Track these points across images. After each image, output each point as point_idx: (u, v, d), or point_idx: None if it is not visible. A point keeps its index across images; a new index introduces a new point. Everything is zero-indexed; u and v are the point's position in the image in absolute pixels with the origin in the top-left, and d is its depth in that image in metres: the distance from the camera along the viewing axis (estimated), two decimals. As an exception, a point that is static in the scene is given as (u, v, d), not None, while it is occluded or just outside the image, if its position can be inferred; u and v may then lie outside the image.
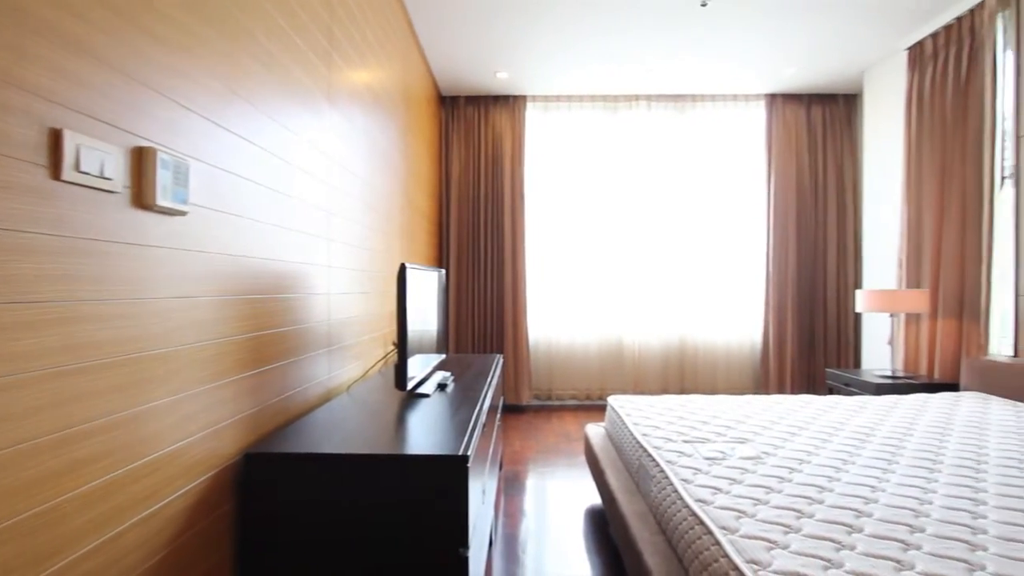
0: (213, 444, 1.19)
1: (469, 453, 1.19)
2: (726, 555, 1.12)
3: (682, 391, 4.61)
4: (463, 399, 1.77)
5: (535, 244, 4.65)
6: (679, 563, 1.35)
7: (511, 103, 4.56)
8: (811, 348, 4.56)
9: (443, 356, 2.44)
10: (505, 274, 4.51)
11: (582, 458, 3.26)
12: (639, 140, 4.59)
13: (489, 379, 2.19)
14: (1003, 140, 2.87)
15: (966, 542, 1.17)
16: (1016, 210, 2.79)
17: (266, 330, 1.42)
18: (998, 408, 2.37)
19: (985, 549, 1.15)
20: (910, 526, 1.24)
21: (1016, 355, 2.79)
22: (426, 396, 1.80)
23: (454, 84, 4.33)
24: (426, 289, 2.05)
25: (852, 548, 1.14)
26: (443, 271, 2.54)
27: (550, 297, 4.65)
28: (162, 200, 0.99)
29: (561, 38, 3.52)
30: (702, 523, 1.26)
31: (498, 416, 2.53)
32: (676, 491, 1.47)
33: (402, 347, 1.61)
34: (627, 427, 2.12)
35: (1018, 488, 1.47)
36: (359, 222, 2.26)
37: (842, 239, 4.54)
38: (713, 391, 4.61)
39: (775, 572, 1.04)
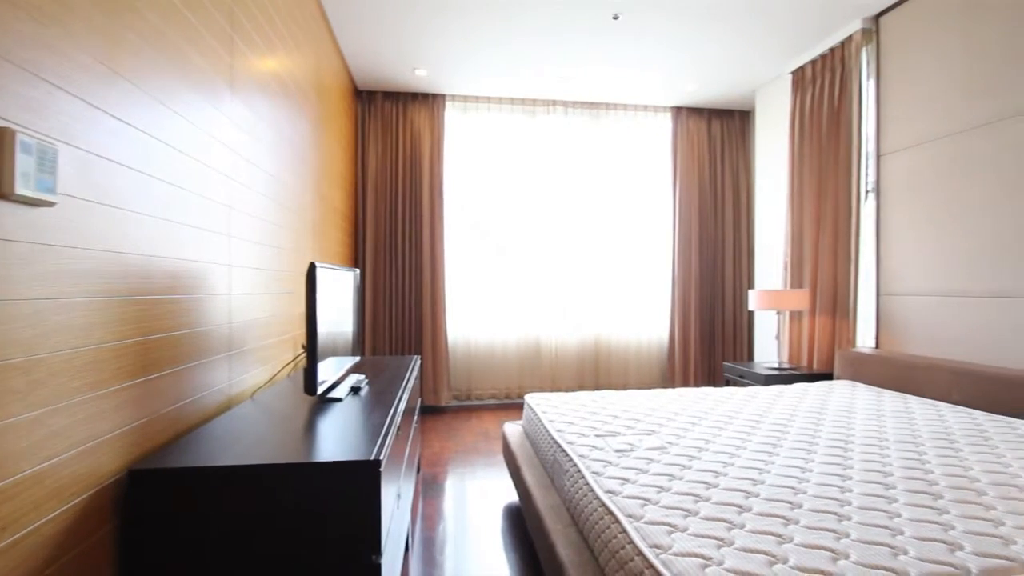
0: (90, 462, 1.07)
1: (382, 458, 1.16)
2: (631, 541, 1.18)
3: (597, 387, 4.80)
4: (377, 402, 1.73)
5: (454, 244, 4.63)
6: (590, 553, 1.41)
7: (430, 101, 4.51)
8: (711, 343, 4.92)
9: (357, 359, 2.36)
10: (424, 274, 4.45)
11: (501, 457, 3.30)
12: (557, 145, 4.72)
13: (405, 381, 2.15)
14: (867, 159, 3.26)
15: (835, 513, 1.32)
16: (877, 221, 3.19)
17: (155, 334, 1.30)
18: (863, 393, 2.70)
19: (850, 519, 1.30)
20: (790, 503, 1.38)
21: (877, 347, 3.18)
22: (338, 400, 1.73)
23: (371, 79, 4.20)
24: (339, 289, 1.97)
25: (742, 527, 1.25)
26: (358, 271, 2.46)
27: (469, 298, 4.65)
28: (22, 188, 0.87)
29: (480, 40, 3.54)
30: (611, 513, 1.33)
31: (415, 418, 2.49)
32: (587, 483, 1.53)
33: (312, 350, 1.54)
34: (543, 424, 2.17)
35: (877, 463, 1.68)
36: (266, 218, 2.14)
37: (738, 243, 4.95)
38: (625, 386, 4.84)
39: (675, 554, 1.12)
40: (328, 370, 1.75)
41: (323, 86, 3.18)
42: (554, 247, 4.73)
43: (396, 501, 1.50)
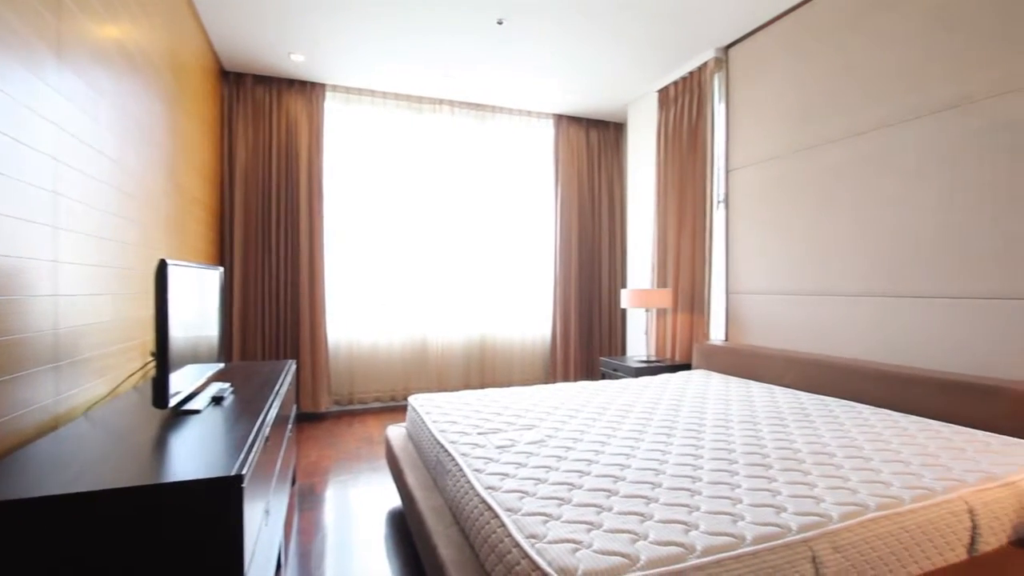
0: None
1: (245, 472, 1.08)
2: (509, 534, 1.22)
3: (482, 385, 4.86)
4: (243, 412, 1.59)
5: (336, 242, 4.41)
6: (471, 550, 1.42)
7: (308, 90, 4.25)
8: (590, 339, 5.23)
9: (221, 365, 2.16)
10: (301, 273, 4.18)
11: (385, 462, 3.21)
12: (443, 144, 4.70)
13: (277, 387, 2.01)
14: (718, 173, 3.68)
15: (688, 489, 1.48)
16: (726, 228, 3.61)
17: (-51, 345, 1.08)
18: (715, 381, 3.04)
19: (700, 493, 1.46)
20: (651, 483, 1.51)
21: (727, 339, 3.60)
22: (196, 412, 1.57)
23: (239, 59, 3.85)
24: (199, 289, 1.78)
25: (610, 509, 1.34)
26: (222, 269, 2.25)
27: (352, 297, 4.46)
28: None
29: (363, 33, 3.41)
30: (490, 508, 1.35)
31: (289, 427, 2.34)
32: (469, 481, 1.54)
33: (162, 357, 1.37)
34: (426, 425, 2.15)
35: (723, 442, 1.90)
36: (106, 209, 1.87)
37: (613, 245, 5.31)
38: (510, 383, 4.96)
39: (549, 542, 1.17)
40: (185, 379, 1.58)
41: (180, 63, 2.85)
42: (441, 246, 4.71)
43: (264, 518, 1.39)
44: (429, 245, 4.67)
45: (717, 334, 3.70)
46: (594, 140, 5.24)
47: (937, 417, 2.19)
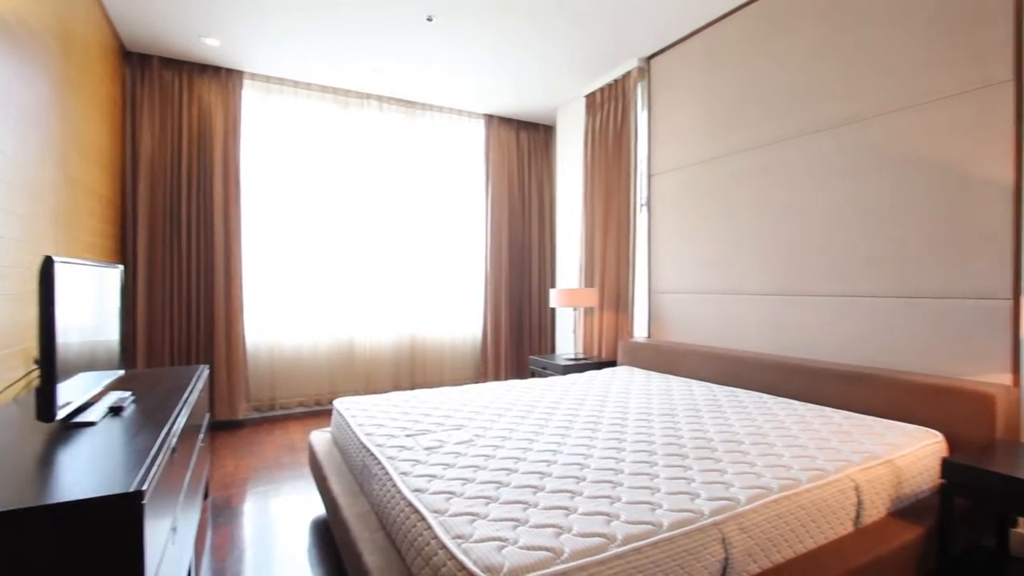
0: None
1: (146, 487, 1.00)
2: (436, 536, 1.21)
3: (413, 386, 4.79)
4: (146, 423, 1.47)
5: (255, 239, 4.17)
6: (398, 555, 1.40)
7: (224, 77, 3.99)
8: (520, 338, 5.29)
9: (122, 373, 1.98)
10: (216, 272, 3.92)
11: (308, 469, 3.08)
12: (370, 139, 4.58)
13: (186, 395, 1.87)
14: (641, 177, 3.84)
15: (611, 481, 1.53)
16: (648, 231, 3.78)
17: None
18: (638, 377, 3.17)
19: (622, 484, 1.52)
20: (576, 477, 1.56)
21: (649, 336, 3.77)
22: (90, 425, 1.43)
23: (143, 39, 3.55)
24: (95, 290, 1.63)
25: (536, 505, 1.37)
26: (123, 267, 2.06)
27: (274, 298, 4.24)
28: None
29: (284, 18, 3.24)
30: (417, 511, 1.34)
31: (201, 436, 2.19)
32: (395, 484, 1.52)
33: (48, 365, 1.24)
34: (352, 429, 2.09)
35: (644, 434, 1.99)
36: (-24, 199, 1.65)
37: (542, 245, 5.40)
38: (441, 383, 4.92)
39: (476, 541, 1.18)
40: (77, 389, 1.43)
41: (72, 38, 2.58)
42: (369, 244, 4.58)
43: (171, 536, 1.30)
44: (357, 243, 4.53)
45: (641, 332, 3.87)
46: (525, 141, 5.30)
47: (830, 404, 2.41)
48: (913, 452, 1.86)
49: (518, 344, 5.28)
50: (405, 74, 4.13)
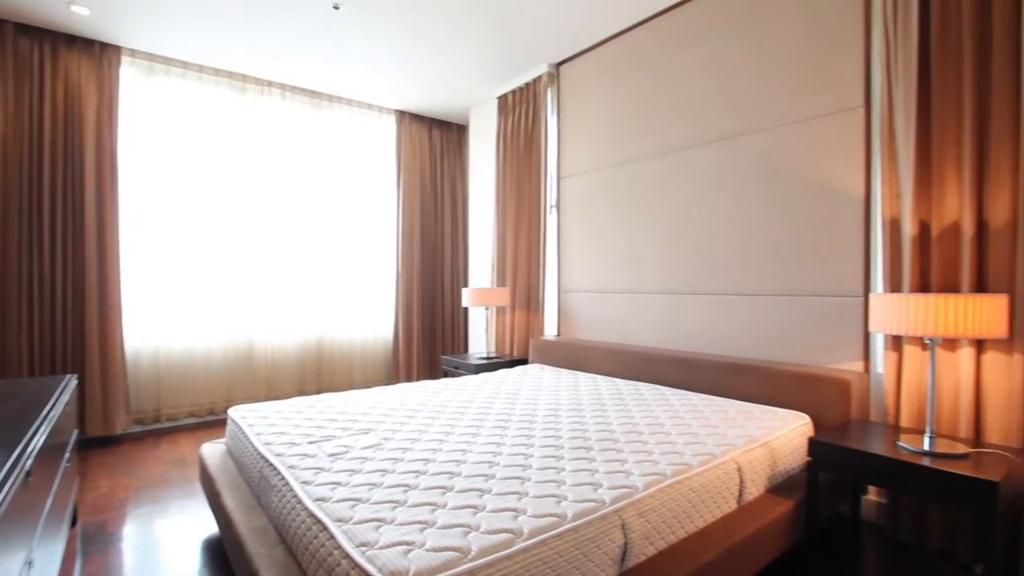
0: None
1: (-8, 518, 0.87)
2: (339, 546, 1.17)
3: (320, 390, 4.58)
4: (-6, 444, 1.28)
5: (136, 234, 3.76)
6: (299, 569, 1.33)
7: (97, 52, 3.56)
8: (432, 338, 5.24)
9: (-38, 387, 1.71)
10: (88, 270, 3.49)
11: (200, 485, 2.84)
12: (272, 130, 4.30)
13: (47, 410, 1.65)
14: (551, 180, 3.96)
15: (519, 477, 1.56)
16: (558, 232, 3.90)
17: None
18: (548, 374, 3.26)
19: (530, 479, 1.55)
20: (486, 475, 1.57)
21: (559, 334, 3.89)
22: (-83, 450, 1.22)
23: (-9, 2, 3.07)
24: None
25: (444, 506, 1.36)
26: (-38, 265, 1.77)
27: (160, 298, 3.85)
28: None
29: (168, -9, 2.96)
30: (319, 521, 1.28)
31: (66, 457, 1.94)
32: (295, 495, 1.44)
33: None
34: (248, 438, 1.96)
35: (552, 429, 2.05)
36: None
37: (455, 244, 5.39)
38: (351, 386, 4.75)
39: (382, 547, 1.15)
40: None
41: None
42: (271, 241, 4.31)
43: (25, 570, 1.14)
44: (258, 240, 4.24)
45: (551, 330, 3.98)
46: (438, 140, 5.25)
47: (719, 393, 2.63)
48: (785, 434, 2.08)
49: (431, 344, 5.22)
50: (310, 63, 3.93)
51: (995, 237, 1.89)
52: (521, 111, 4.09)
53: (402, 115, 4.99)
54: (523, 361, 4.00)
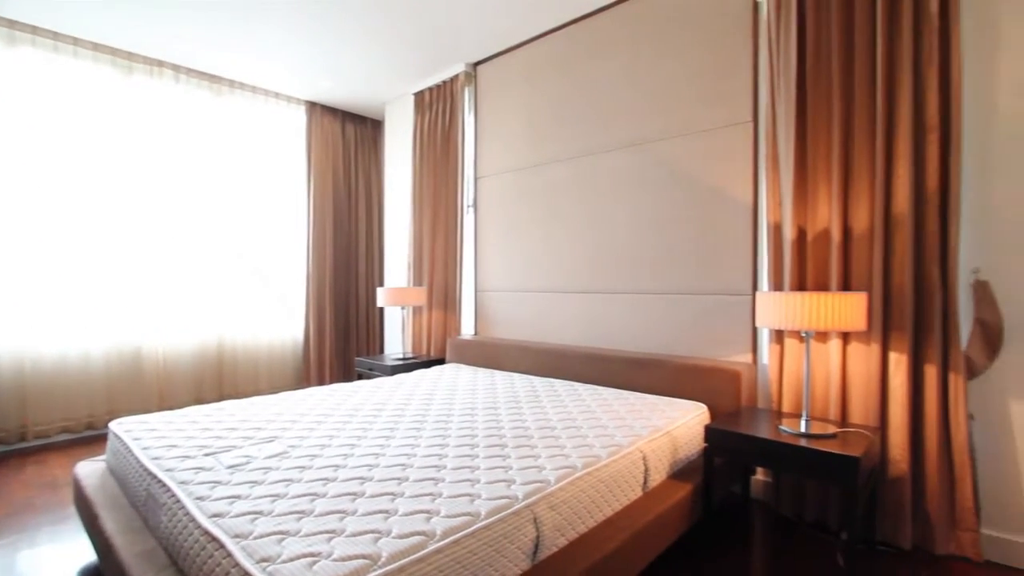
0: None
1: None
2: (236, 563, 1.10)
3: (221, 398, 4.26)
4: None
5: (-9, 226, 3.29)
6: (191, 590, 1.23)
7: (-63, 13, 3.06)
8: (347, 339, 5.06)
9: None
10: (-73, 268, 2.99)
11: (75, 508, 2.54)
12: (163, 116, 3.93)
13: None
14: (468, 179, 3.96)
15: (434, 478, 1.55)
16: (475, 231, 3.91)
17: None
18: (465, 373, 3.26)
19: (444, 480, 1.55)
20: (399, 478, 1.54)
21: (476, 333, 3.91)
22: None
23: None
24: None
25: (355, 513, 1.32)
26: None
27: (25, 298, 3.39)
28: None
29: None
30: (214, 538, 1.20)
31: (-101, 486, 1.66)
32: (188, 512, 1.34)
33: None
34: (133, 453, 1.78)
35: (468, 428, 2.06)
36: None
37: (370, 242, 5.23)
38: (256, 392, 4.46)
39: (284, 561, 1.10)
40: None
41: None
42: (164, 237, 3.93)
43: None
44: (148, 235, 3.86)
45: (468, 329, 3.98)
46: (351, 134, 5.07)
47: (628, 387, 2.77)
48: (686, 423, 2.23)
49: (344, 345, 5.04)
50: (210, 44, 3.64)
51: (857, 242, 2.15)
52: (438, 109, 4.06)
53: (313, 106, 4.77)
54: (440, 361, 3.97)
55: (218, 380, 4.25)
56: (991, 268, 2.00)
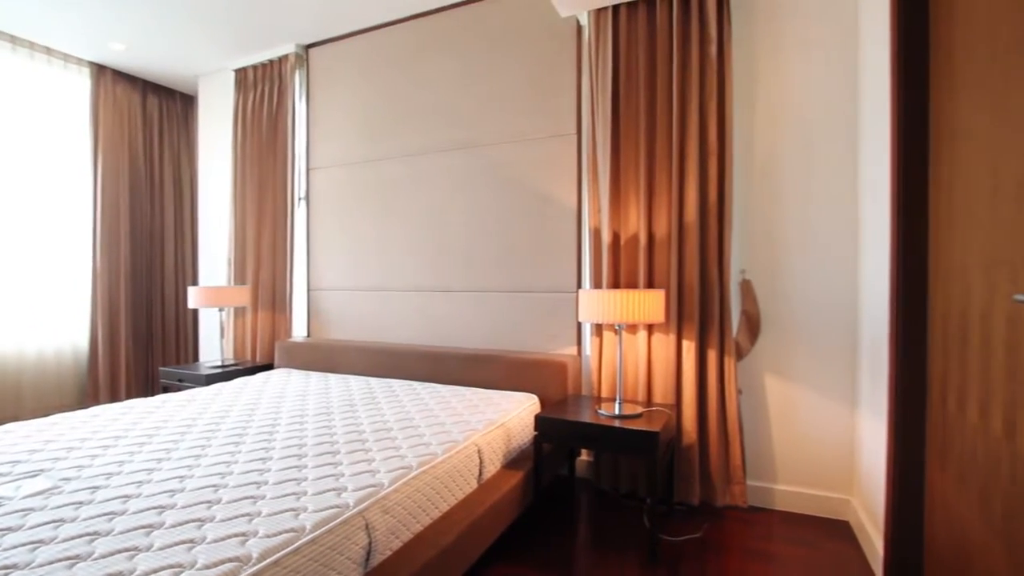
0: None
1: None
2: (-27, 633, 0.88)
3: (-38, 428, 3.35)
4: None
5: None
6: None
7: None
8: (149, 348, 4.35)
9: None
10: None
11: None
12: None
13: None
14: (299, 169, 3.68)
15: (252, 496, 1.41)
16: (307, 225, 3.65)
17: None
18: (296, 378, 3.03)
19: (264, 497, 1.42)
20: (209, 501, 1.38)
21: (309, 335, 3.66)
22: None
23: None
24: None
25: (149, 548, 1.15)
26: None
27: None
28: None
29: None
30: (-60, 608, 0.94)
31: None
32: (-102, 581, 1.03)
33: None
34: None
35: (296, 437, 1.92)
36: None
37: (180, 235, 4.57)
38: (17, 417, 3.60)
39: (47, 618, 0.91)
40: None
41: None
42: None
43: None
44: None
45: (300, 331, 3.71)
46: (154, 107, 4.37)
47: (467, 383, 2.84)
48: (518, 414, 2.36)
49: (146, 354, 4.33)
50: (-64, -25, 2.83)
51: (658, 246, 2.49)
52: (264, 90, 3.70)
53: (102, 70, 3.99)
54: (268, 366, 3.63)
55: (-42, 405, 3.34)
56: (752, 269, 2.47)
